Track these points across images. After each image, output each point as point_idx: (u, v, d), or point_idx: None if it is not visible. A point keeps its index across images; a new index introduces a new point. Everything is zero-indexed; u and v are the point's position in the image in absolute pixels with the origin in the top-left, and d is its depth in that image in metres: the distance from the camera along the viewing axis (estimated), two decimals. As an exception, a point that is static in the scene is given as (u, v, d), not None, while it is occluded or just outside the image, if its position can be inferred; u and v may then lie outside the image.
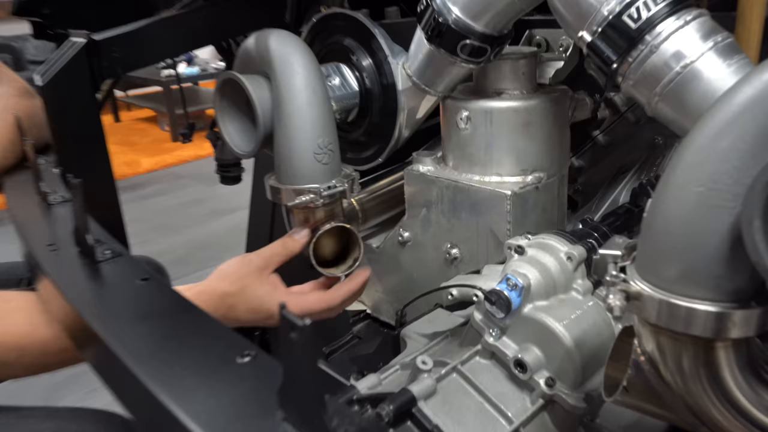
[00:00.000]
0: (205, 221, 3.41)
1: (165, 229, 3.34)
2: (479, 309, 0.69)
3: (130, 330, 0.45)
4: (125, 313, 0.48)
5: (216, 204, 3.62)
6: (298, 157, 0.80)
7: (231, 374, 0.39)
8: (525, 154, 0.84)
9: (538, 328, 0.65)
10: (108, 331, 0.43)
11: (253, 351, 0.40)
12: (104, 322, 0.45)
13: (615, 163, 1.15)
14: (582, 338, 0.63)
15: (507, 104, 0.83)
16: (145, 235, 3.19)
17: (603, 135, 1.19)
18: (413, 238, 0.97)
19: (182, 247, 3.07)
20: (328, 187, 0.81)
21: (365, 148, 1.00)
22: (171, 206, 3.70)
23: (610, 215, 0.81)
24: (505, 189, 0.82)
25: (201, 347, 0.43)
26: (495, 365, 0.68)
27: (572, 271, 0.68)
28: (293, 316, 0.29)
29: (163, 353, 0.42)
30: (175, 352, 0.42)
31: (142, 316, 0.47)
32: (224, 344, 0.42)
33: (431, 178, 0.90)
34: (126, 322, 0.46)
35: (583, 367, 0.63)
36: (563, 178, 0.90)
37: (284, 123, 0.79)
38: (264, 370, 0.38)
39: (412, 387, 0.62)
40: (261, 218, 1.25)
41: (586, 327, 0.65)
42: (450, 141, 0.90)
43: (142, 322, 0.46)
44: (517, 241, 0.72)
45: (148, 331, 0.45)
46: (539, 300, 0.66)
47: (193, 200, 3.76)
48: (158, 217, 3.52)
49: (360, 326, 1.17)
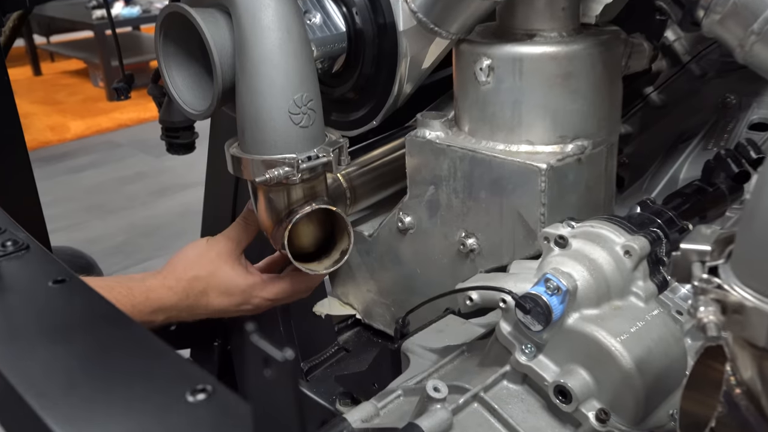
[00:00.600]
0: (151, 201, 3.38)
1: (99, 210, 3.31)
2: (507, 319, 0.66)
3: (36, 355, 0.39)
4: (30, 330, 0.42)
5: (164, 180, 3.58)
6: (268, 117, 0.75)
7: (180, 419, 0.34)
8: (564, 116, 0.80)
9: (587, 344, 0.61)
10: (4, 358, 0.38)
11: (209, 385, 0.35)
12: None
13: (673, 129, 1.12)
14: (645, 358, 0.60)
15: (542, 50, 0.79)
16: (74, 218, 3.16)
17: (658, 93, 1.16)
18: (417, 224, 0.93)
19: (121, 233, 3.04)
20: (308, 158, 0.77)
21: (355, 108, 0.95)
22: (107, 182, 3.66)
23: (676, 196, 0.78)
24: (539, 161, 0.78)
25: (138, 379, 0.38)
26: (528, 392, 0.65)
27: (631, 269, 0.65)
28: (267, 344, 0.24)
29: (83, 389, 0.37)
30: (100, 388, 0.37)
31: (53, 334, 0.41)
32: (171, 375, 0.37)
33: (441, 146, 0.86)
34: (30, 343, 0.40)
35: (647, 396, 0.60)
36: (612, 148, 0.86)
37: (249, 72, 0.74)
38: (225, 412, 0.34)
39: (422, 421, 0.59)
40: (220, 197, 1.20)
41: (651, 344, 0.61)
42: (466, 99, 0.86)
43: (53, 344, 0.41)
44: (557, 229, 0.68)
45: (61, 357, 0.39)
46: (588, 308, 0.63)
47: (135, 174, 3.72)
48: (91, 196, 3.48)
49: (347, 335, 1.14)
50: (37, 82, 5.64)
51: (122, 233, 3.04)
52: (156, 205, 3.34)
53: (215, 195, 1.27)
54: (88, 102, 5.04)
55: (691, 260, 0.46)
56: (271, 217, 0.82)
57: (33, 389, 0.36)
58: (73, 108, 4.90)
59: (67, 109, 4.89)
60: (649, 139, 1.18)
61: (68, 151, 4.16)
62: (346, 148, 0.82)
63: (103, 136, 4.42)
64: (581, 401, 0.61)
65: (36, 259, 0.52)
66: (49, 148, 4.16)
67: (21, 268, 0.51)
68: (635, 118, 1.20)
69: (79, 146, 4.24)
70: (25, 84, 5.48)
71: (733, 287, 0.42)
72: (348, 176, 1.00)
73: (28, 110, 4.76)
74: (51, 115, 4.75)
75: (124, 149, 4.16)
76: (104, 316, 0.44)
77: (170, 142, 1.20)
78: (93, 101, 5.04)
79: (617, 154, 1.24)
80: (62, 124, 4.54)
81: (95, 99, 5.09)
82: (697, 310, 0.41)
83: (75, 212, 3.26)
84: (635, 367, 0.59)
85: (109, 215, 3.26)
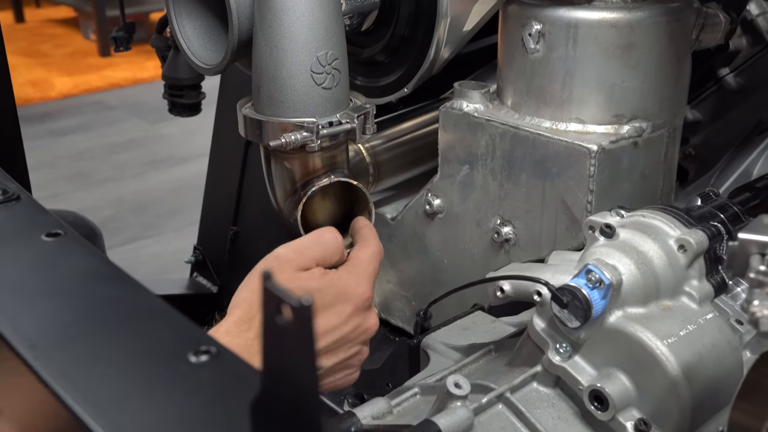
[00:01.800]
0: (143, 173, 3.41)
1: (84, 179, 3.34)
2: (542, 314, 0.68)
3: (29, 309, 0.43)
4: (22, 285, 0.45)
5: (159, 149, 3.61)
6: (287, 75, 0.78)
7: (181, 379, 0.37)
8: (622, 93, 0.83)
9: (630, 346, 0.63)
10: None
11: (213, 347, 0.39)
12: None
13: (750, 117, 1.13)
14: (695, 365, 0.62)
15: (600, 15, 0.81)
16: (54, 187, 3.20)
17: (735, 75, 1.17)
18: (446, 207, 0.96)
19: (108, 207, 3.07)
20: (330, 123, 0.79)
21: (385, 73, 0.98)
22: (94, 148, 3.69)
23: (744, 189, 0.80)
24: (589, 142, 0.80)
25: (137, 337, 0.41)
26: (560, 396, 0.68)
27: (685, 266, 0.67)
28: (281, 290, 0.27)
29: (78, 344, 0.40)
30: (96, 343, 0.40)
31: (48, 289, 0.45)
32: (172, 334, 0.41)
33: (479, 120, 0.88)
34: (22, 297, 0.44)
35: (693, 408, 0.62)
36: (675, 133, 0.88)
37: (269, 23, 0.77)
38: (230, 373, 0.37)
39: (439, 419, 0.62)
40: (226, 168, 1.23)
41: (702, 350, 0.63)
42: (511, 68, 0.88)
43: (47, 299, 0.44)
44: (603, 218, 0.70)
45: (56, 311, 0.43)
46: (634, 306, 0.65)
47: (128, 141, 3.76)
48: (75, 163, 3.52)
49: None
50: (18, 30, 5.70)
51: (109, 207, 3.07)
52: (148, 178, 3.36)
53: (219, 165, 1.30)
54: (76, 56, 5.08)
55: (750, 252, 0.48)
56: (284, 188, 0.85)
57: (25, 341, 0.40)
58: (59, 62, 4.95)
59: (53, 63, 4.93)
60: (722, 129, 1.19)
61: (51, 110, 4.19)
62: (373, 115, 0.84)
63: (92, 96, 4.45)
64: (619, 409, 0.63)
65: (27, 211, 0.56)
66: (30, 107, 4.19)
67: (11, 219, 0.54)
68: (706, 103, 1.21)
69: (64, 106, 4.27)
70: (4, 31, 5.44)
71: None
72: (372, 150, 1.03)
73: (7, 61, 4.81)
74: (33, 68, 4.80)
75: (115, 112, 4.19)
76: (104, 274, 0.48)
77: (173, 101, 1.24)
78: (82, 56, 5.08)
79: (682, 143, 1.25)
80: (46, 79, 4.59)
81: (85, 53, 5.13)
82: (751, 303, 0.44)
83: (55, 181, 3.29)
84: (682, 374, 0.61)
85: (95, 186, 3.29)
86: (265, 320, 0.29)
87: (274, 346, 0.29)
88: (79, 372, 0.38)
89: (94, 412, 0.35)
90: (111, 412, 0.35)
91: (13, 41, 5.33)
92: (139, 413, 0.35)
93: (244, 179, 1.22)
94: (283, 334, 0.29)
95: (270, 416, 0.31)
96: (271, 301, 0.29)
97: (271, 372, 0.30)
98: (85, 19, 5.39)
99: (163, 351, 0.40)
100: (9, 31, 5.64)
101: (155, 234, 2.78)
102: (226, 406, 0.35)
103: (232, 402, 0.35)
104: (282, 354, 0.29)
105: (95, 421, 0.35)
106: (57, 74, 4.68)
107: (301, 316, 0.27)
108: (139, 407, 0.36)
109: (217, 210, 1.22)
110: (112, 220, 2.97)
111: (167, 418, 0.35)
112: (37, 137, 3.77)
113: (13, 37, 5.45)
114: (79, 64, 4.90)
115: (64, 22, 5.86)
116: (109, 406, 0.36)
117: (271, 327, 0.29)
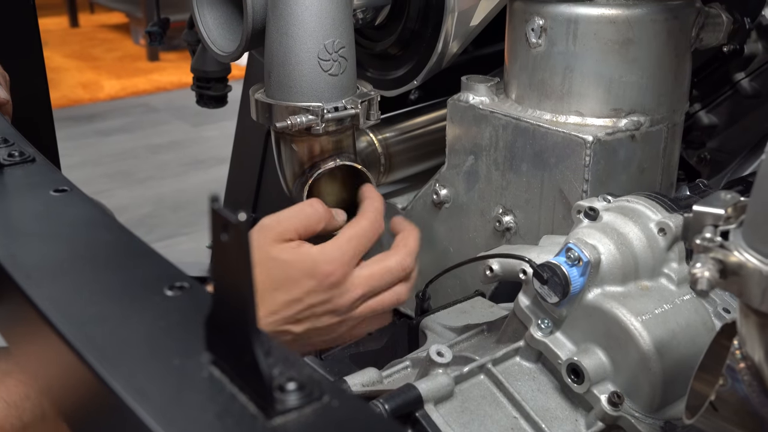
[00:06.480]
0: (183, 173, 3.48)
1: (126, 178, 3.42)
2: (527, 291, 0.71)
3: (29, 248, 0.48)
4: (25, 229, 0.50)
5: (199, 151, 3.68)
6: (295, 61, 0.82)
7: (154, 307, 0.41)
8: (620, 87, 0.84)
9: (606, 322, 0.66)
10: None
11: (186, 283, 0.42)
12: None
13: (764, 122, 1.13)
14: (668, 342, 0.64)
15: (599, 12, 0.83)
16: (97, 184, 3.27)
17: (750, 80, 1.17)
18: (453, 197, 0.99)
19: (147, 204, 3.14)
20: (335, 108, 0.83)
21: (396, 66, 1.01)
22: (138, 148, 3.77)
23: (736, 182, 0.81)
24: (586, 133, 0.82)
25: (122, 273, 0.45)
26: (541, 370, 0.70)
27: (665, 249, 0.69)
28: (226, 210, 0.31)
29: (69, 276, 0.45)
30: (85, 277, 0.45)
31: (49, 232, 0.50)
32: (153, 273, 0.45)
33: (484, 113, 0.91)
34: (25, 237, 0.48)
35: (665, 382, 0.64)
36: (675, 129, 0.90)
37: (280, 12, 0.81)
38: (197, 303, 0.41)
39: (420, 384, 0.64)
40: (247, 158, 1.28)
41: (676, 328, 0.66)
42: (515, 62, 0.91)
43: (47, 240, 0.49)
44: (590, 202, 0.73)
45: (54, 250, 0.48)
46: (612, 284, 0.67)
47: (170, 143, 3.84)
48: (119, 162, 3.60)
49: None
50: (72, 34, 5.86)
51: (148, 204, 3.13)
52: (188, 178, 3.43)
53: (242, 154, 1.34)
54: (125, 60, 5.20)
55: (705, 223, 0.51)
56: (292, 170, 0.89)
57: (21, 271, 0.44)
58: (109, 66, 5.06)
59: (103, 66, 5.05)
60: (738, 134, 1.19)
61: (99, 111, 4.29)
62: (377, 102, 0.88)
63: (139, 98, 4.55)
64: (594, 382, 0.65)
65: (40, 170, 0.60)
66: (79, 108, 4.30)
67: (25, 177, 0.59)
68: (722, 107, 1.21)
69: (111, 107, 4.38)
70: (59, 35, 5.70)
71: (738, 250, 0.46)
72: (385, 141, 1.06)
73: (61, 64, 4.94)
74: (84, 71, 4.92)
75: (159, 114, 4.27)
76: (100, 222, 0.52)
77: (200, 93, 1.29)
78: (131, 60, 5.20)
79: (699, 147, 1.25)
80: (96, 82, 4.71)
81: (134, 58, 5.24)
82: (694, 266, 0.46)
83: (99, 178, 3.37)
84: (654, 350, 0.63)
85: (136, 184, 3.36)
86: (213, 239, 0.33)
87: (220, 262, 0.33)
88: (65, 297, 0.42)
89: (74, 329, 0.39)
90: (89, 329, 0.39)
91: (68, 45, 5.48)
92: (112, 331, 0.39)
93: (264, 168, 1.26)
94: (226, 251, 0.32)
95: (218, 327, 0.34)
96: (217, 222, 0.32)
97: (218, 286, 0.34)
98: (136, 24, 5.51)
99: (143, 285, 0.44)
100: (64, 35, 5.80)
101: (191, 231, 2.83)
102: (187, 326, 0.39)
103: (193, 324, 0.38)
104: (226, 269, 0.33)
105: (75, 337, 0.39)
106: (106, 77, 4.79)
107: (237, 231, 0.31)
108: (113, 327, 0.40)
109: (239, 197, 1.26)
110: (150, 217, 3.04)
111: (136, 336, 0.39)
112: (85, 136, 3.87)
113: (67, 41, 5.61)
114: (127, 67, 5.01)
115: (116, 27, 6.00)
116: (89, 325, 0.40)
117: (218, 245, 0.33)
